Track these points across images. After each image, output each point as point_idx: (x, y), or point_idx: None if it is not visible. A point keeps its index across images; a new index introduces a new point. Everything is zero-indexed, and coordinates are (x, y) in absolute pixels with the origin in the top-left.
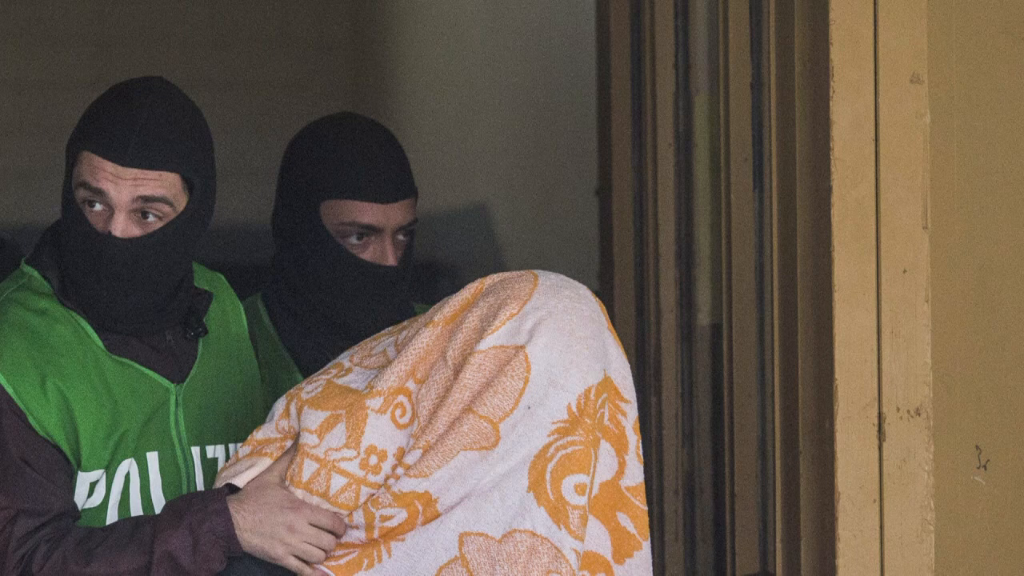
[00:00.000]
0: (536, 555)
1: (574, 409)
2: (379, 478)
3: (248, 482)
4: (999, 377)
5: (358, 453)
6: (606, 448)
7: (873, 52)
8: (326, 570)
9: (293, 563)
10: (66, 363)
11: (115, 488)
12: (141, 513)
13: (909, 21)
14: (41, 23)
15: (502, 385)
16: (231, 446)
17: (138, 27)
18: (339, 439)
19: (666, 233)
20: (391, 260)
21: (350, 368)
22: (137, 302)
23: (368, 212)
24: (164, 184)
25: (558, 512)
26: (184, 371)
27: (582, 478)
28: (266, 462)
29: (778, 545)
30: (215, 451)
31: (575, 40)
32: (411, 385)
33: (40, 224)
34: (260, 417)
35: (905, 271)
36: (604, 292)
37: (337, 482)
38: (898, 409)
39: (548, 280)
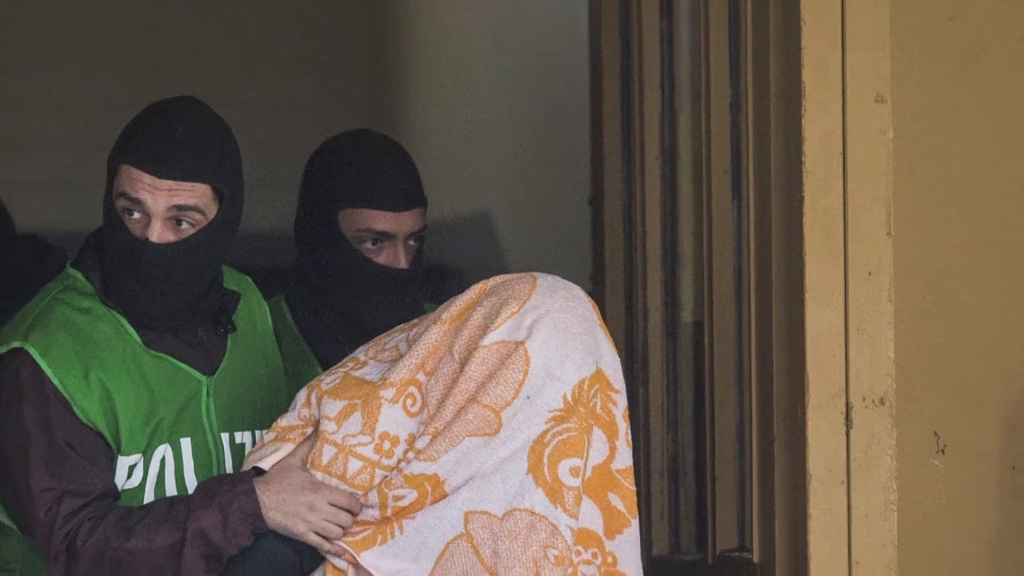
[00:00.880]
0: (535, 531)
1: (569, 399)
2: (392, 462)
3: (273, 465)
4: (956, 370)
5: (373, 439)
6: (598, 434)
7: (841, 75)
8: (344, 545)
9: (314, 539)
10: (107, 357)
11: (152, 471)
12: (176, 494)
13: (874, 46)
14: (84, 49)
15: (504, 377)
16: (257, 432)
17: (173, 52)
18: (355, 426)
19: (653, 238)
20: (403, 263)
21: (365, 361)
22: (172, 301)
23: (382, 219)
24: (196, 194)
25: (555, 492)
26: (215, 364)
27: (576, 461)
28: (289, 447)
29: (755, 523)
30: (243, 437)
31: (570, 64)
32: (421, 377)
33: (83, 230)
34: (284, 406)
35: (870, 273)
36: (596, 292)
37: (354, 465)
38: (864, 399)
39: (546, 281)
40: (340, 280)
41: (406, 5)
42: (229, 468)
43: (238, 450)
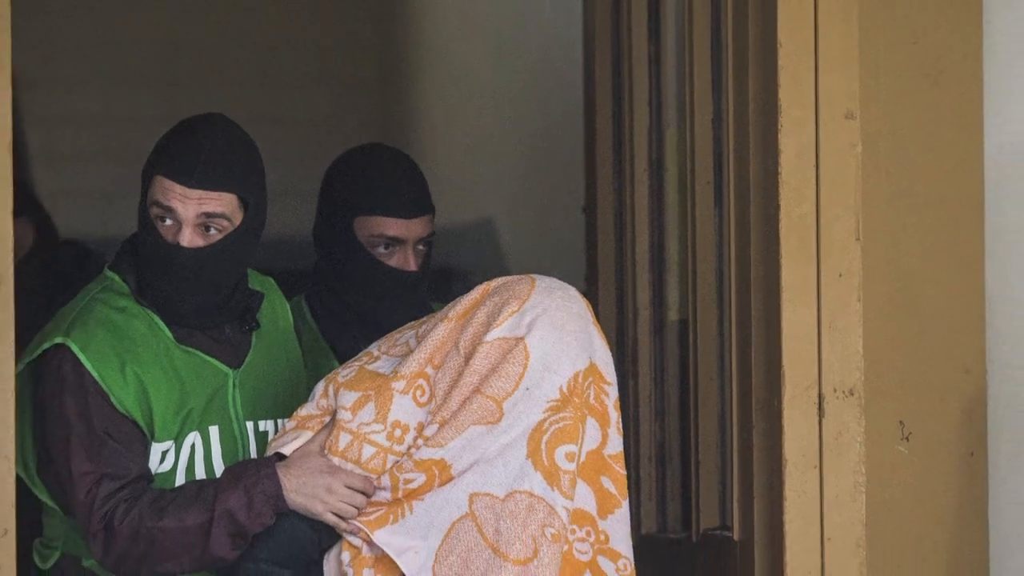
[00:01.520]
0: (533, 512)
1: (565, 390)
2: (402, 448)
3: (293, 451)
4: (919, 364)
5: (385, 427)
6: (591, 423)
7: (814, 93)
8: (359, 524)
9: (331, 518)
10: (142, 352)
11: (183, 456)
12: (204, 477)
13: (844, 67)
14: (120, 68)
15: (505, 370)
16: (279, 421)
17: (201, 70)
18: (369, 415)
19: (641, 243)
20: (413, 266)
21: (378, 356)
22: (201, 301)
23: (394, 226)
24: (223, 203)
25: (552, 476)
26: (240, 358)
27: (572, 447)
28: (308, 435)
29: (735, 503)
30: (266, 425)
31: (566, 82)
32: (429, 370)
33: (119, 236)
34: (304, 397)
35: (840, 275)
36: (590, 293)
37: (368, 451)
38: (835, 390)
39: (544, 283)
40: (355, 282)
41: (415, 28)
42: (253, 454)
43: (262, 437)
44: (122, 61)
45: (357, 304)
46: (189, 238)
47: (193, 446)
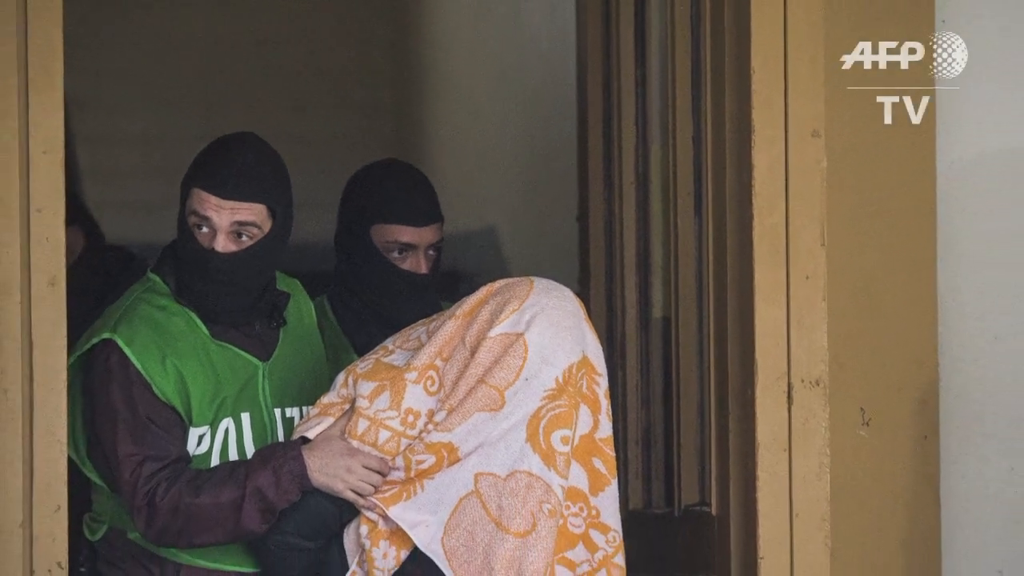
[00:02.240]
0: (532, 490)
1: (560, 380)
2: (414, 432)
3: (317, 435)
4: (878, 357)
5: (399, 413)
6: (584, 409)
7: (784, 114)
8: (375, 500)
9: (350, 496)
10: (181, 346)
11: (217, 440)
12: (237, 459)
13: (811, 91)
14: (162, 92)
15: (507, 363)
16: (304, 408)
17: (235, 93)
18: (385, 403)
19: (629, 249)
20: (424, 269)
21: (393, 350)
22: (234, 300)
23: (407, 233)
24: (254, 212)
25: (549, 457)
26: (269, 352)
27: (566, 432)
28: (330, 420)
29: (713, 482)
30: (292, 412)
31: (562, 105)
32: (439, 362)
33: (160, 243)
34: (326, 387)
35: (808, 277)
36: (583, 293)
37: (383, 435)
38: (802, 380)
39: (541, 284)
40: (372, 283)
41: (427, 57)
42: (281, 437)
43: (288, 423)
44: (163, 86)
45: (374, 303)
46: (223, 244)
47: (227, 431)
